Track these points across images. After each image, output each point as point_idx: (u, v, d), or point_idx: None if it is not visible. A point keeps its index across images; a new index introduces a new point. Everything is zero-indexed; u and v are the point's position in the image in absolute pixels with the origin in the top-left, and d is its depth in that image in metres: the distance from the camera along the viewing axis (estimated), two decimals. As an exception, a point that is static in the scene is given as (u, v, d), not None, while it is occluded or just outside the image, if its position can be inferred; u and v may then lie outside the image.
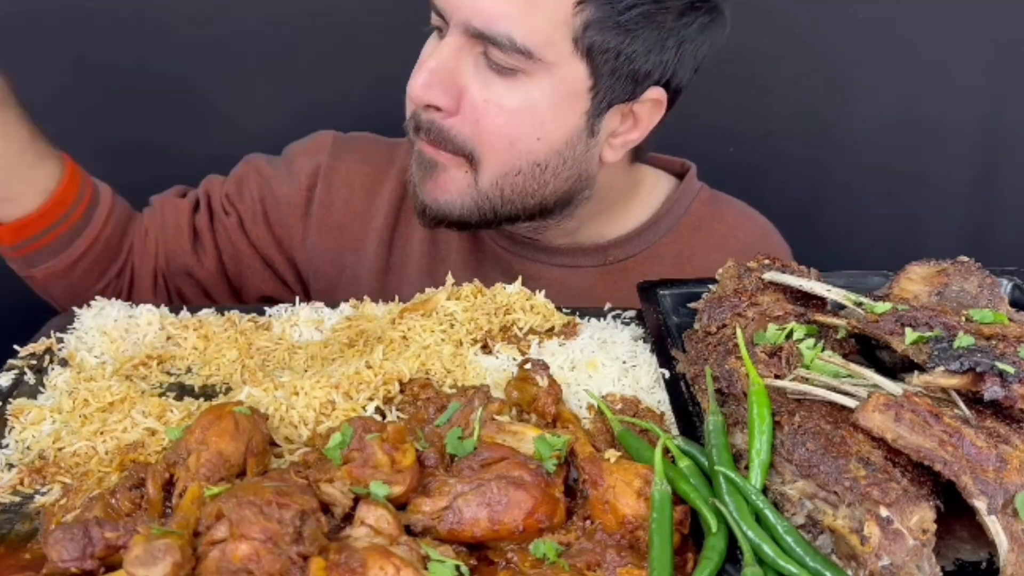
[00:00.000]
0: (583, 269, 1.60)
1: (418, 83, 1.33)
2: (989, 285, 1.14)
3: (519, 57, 1.30)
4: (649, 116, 1.44)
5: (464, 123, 1.36)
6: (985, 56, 2.17)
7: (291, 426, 1.03)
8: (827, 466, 0.84)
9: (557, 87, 1.34)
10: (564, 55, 1.32)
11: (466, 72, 1.33)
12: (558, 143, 1.39)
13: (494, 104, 1.34)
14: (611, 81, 1.36)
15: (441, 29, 1.36)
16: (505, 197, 1.42)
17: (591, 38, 1.31)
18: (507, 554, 0.86)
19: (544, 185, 1.43)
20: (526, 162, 1.39)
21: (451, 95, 1.34)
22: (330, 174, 1.63)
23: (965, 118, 2.23)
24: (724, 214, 1.65)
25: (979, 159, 2.27)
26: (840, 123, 2.26)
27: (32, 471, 0.98)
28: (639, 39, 1.33)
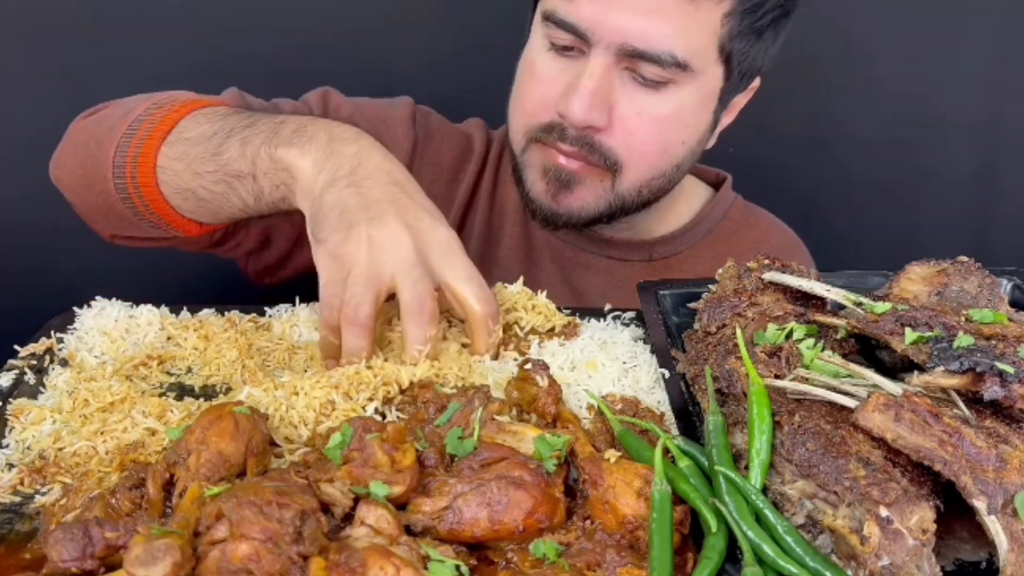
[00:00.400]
0: (630, 263, 1.65)
1: (579, 107, 1.36)
2: (989, 285, 1.14)
3: (675, 70, 1.35)
4: (743, 102, 1.57)
5: (615, 136, 1.40)
6: (985, 56, 2.17)
7: (291, 426, 1.03)
8: (827, 466, 0.84)
9: (700, 91, 1.41)
10: (709, 62, 1.39)
11: (615, 89, 1.38)
12: (695, 143, 1.48)
13: (647, 116, 1.39)
14: (737, 79, 1.45)
15: (568, 48, 1.38)
16: (641, 197, 1.49)
17: (732, 45, 1.38)
18: (507, 554, 0.86)
19: (673, 183, 1.52)
20: (670, 165, 1.47)
21: (605, 112, 1.38)
22: (423, 150, 1.64)
23: (965, 118, 2.23)
24: (759, 222, 1.75)
25: (979, 159, 2.27)
26: (840, 123, 2.26)
27: (32, 471, 0.98)
28: (764, 39, 1.43)
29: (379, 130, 1.57)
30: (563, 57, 1.40)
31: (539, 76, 1.44)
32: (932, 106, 2.22)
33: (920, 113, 2.23)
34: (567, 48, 1.39)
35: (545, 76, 1.43)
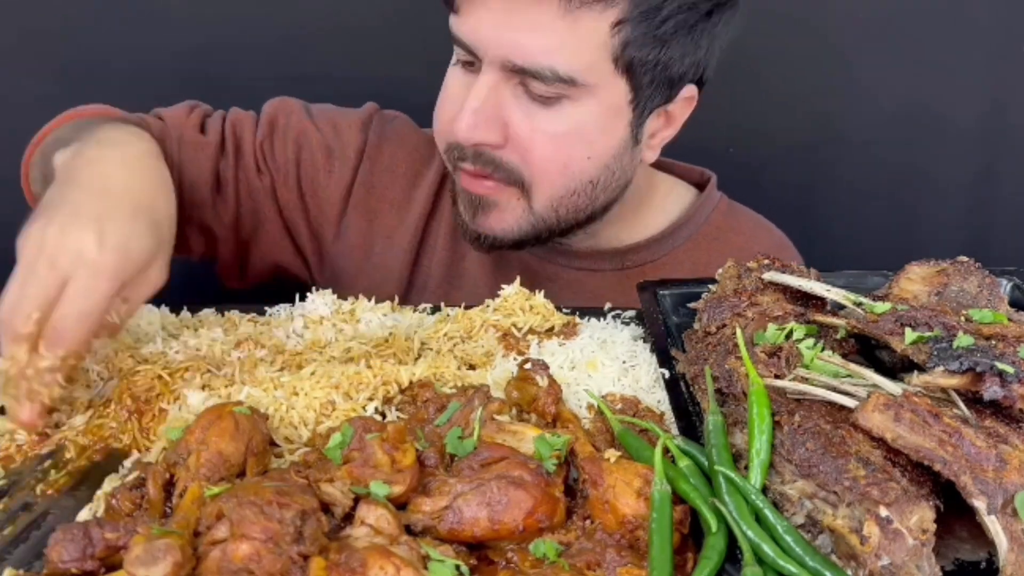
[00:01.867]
0: (601, 272, 1.61)
1: (463, 126, 1.33)
2: (989, 285, 1.14)
3: (561, 86, 1.31)
4: (682, 112, 1.47)
5: (513, 153, 1.36)
6: (985, 56, 2.17)
7: (291, 426, 1.03)
8: (827, 466, 0.84)
9: (601, 106, 1.35)
10: (605, 75, 1.32)
11: (507, 105, 1.34)
12: (607, 158, 1.41)
13: (540, 132, 1.35)
14: (650, 90, 1.37)
15: (470, 63, 1.36)
16: (561, 217, 1.44)
17: (630, 55, 1.31)
18: (507, 554, 0.86)
19: (595, 199, 1.45)
20: (579, 182, 1.41)
21: (497, 130, 1.34)
22: (375, 155, 1.62)
23: (965, 118, 2.22)
24: (742, 225, 1.68)
25: (979, 159, 2.27)
26: (839, 124, 2.26)
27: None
28: (674, 46, 1.34)
29: (328, 136, 1.60)
30: (468, 73, 1.38)
31: (447, 92, 1.42)
32: (932, 106, 2.21)
33: (920, 113, 2.22)
34: (469, 63, 1.37)
35: (451, 92, 1.41)
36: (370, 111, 1.65)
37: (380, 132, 1.63)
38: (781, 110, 2.19)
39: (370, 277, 1.59)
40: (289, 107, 1.61)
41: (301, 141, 1.58)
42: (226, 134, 1.56)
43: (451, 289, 1.62)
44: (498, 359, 1.20)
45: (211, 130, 1.55)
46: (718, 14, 1.37)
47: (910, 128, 2.24)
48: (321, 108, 1.64)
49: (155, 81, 2.02)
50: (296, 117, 1.59)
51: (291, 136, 1.58)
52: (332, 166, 1.60)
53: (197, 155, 1.52)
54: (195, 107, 1.58)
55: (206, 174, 1.52)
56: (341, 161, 1.60)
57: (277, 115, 1.59)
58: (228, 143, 1.56)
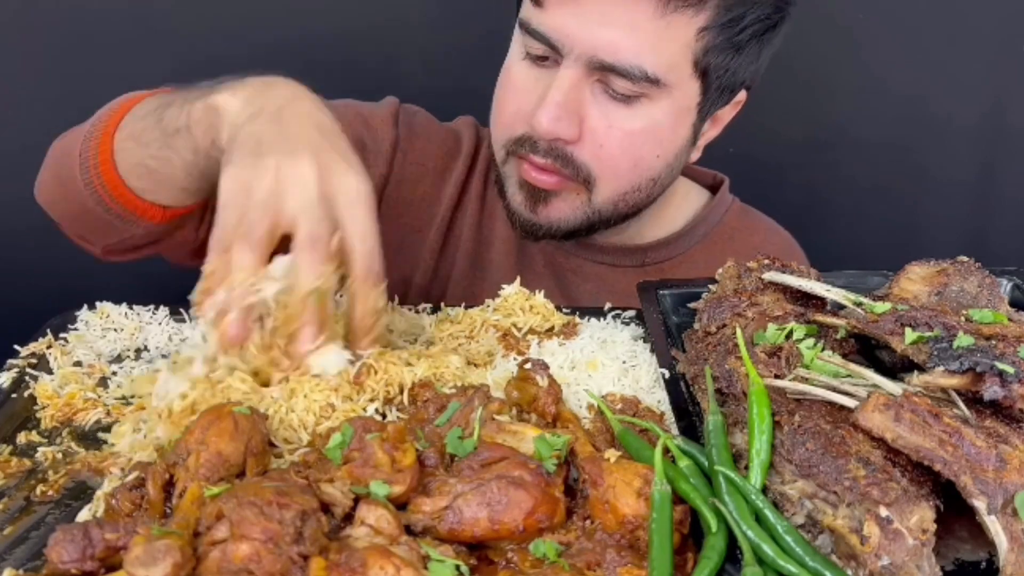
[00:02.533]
0: (622, 268, 1.63)
1: (546, 118, 1.34)
2: (989, 285, 1.14)
3: (645, 85, 1.33)
4: (728, 115, 1.52)
5: (586, 149, 1.38)
6: (985, 56, 2.17)
7: (290, 428, 1.03)
8: (827, 466, 0.84)
9: (674, 106, 1.38)
10: (683, 77, 1.36)
11: (586, 101, 1.35)
12: (671, 157, 1.45)
13: (617, 129, 1.37)
14: (716, 94, 1.42)
15: (542, 58, 1.37)
16: (618, 211, 1.48)
17: (708, 60, 1.35)
18: (507, 554, 0.86)
19: (652, 196, 1.50)
20: (644, 179, 1.45)
21: (575, 125, 1.36)
22: (407, 149, 1.63)
23: (965, 118, 2.23)
24: (756, 226, 1.72)
25: (979, 159, 2.27)
26: (839, 124, 2.26)
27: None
28: (745, 54, 1.39)
29: (359, 130, 1.58)
30: (538, 67, 1.39)
31: (514, 86, 1.43)
32: (933, 106, 2.21)
33: (920, 113, 2.22)
34: (542, 58, 1.37)
35: (519, 86, 1.42)
36: (395, 104, 1.66)
37: (409, 125, 1.64)
38: (781, 111, 2.19)
39: (400, 270, 1.59)
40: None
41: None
42: None
43: (475, 280, 1.64)
44: (498, 359, 1.19)
45: None
46: (780, 25, 1.41)
47: (910, 128, 2.24)
48: (343, 103, 1.62)
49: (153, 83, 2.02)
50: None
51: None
52: (367, 161, 1.55)
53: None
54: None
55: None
56: (375, 155, 1.60)
57: None
58: None
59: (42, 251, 1.89)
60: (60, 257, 1.64)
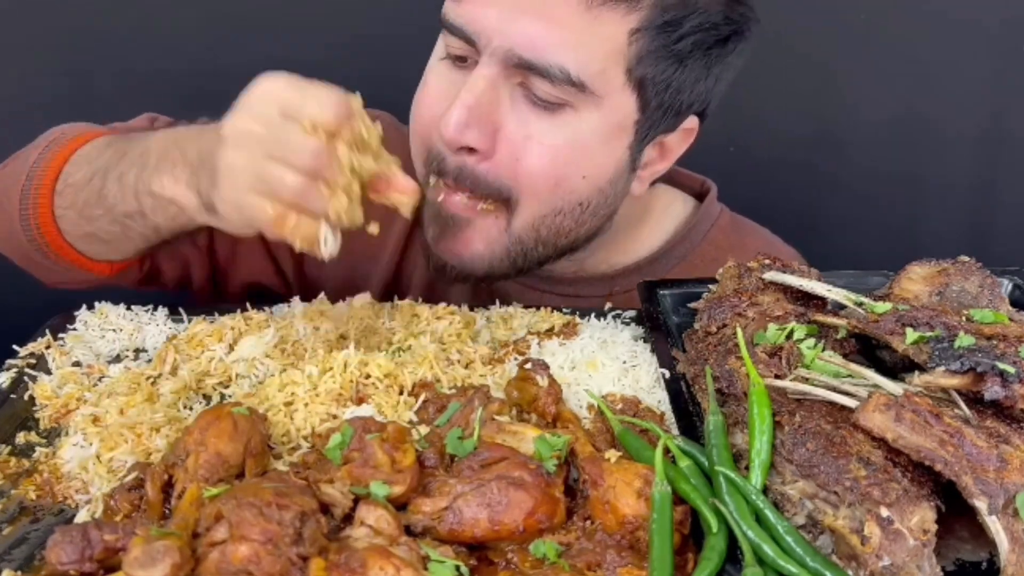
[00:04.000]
0: (587, 299, 1.47)
1: (453, 123, 1.20)
2: (989, 285, 1.14)
3: (569, 90, 1.20)
4: (679, 146, 1.38)
5: (501, 165, 1.24)
6: (985, 56, 2.17)
7: (289, 432, 1.03)
8: (827, 466, 0.84)
9: (604, 121, 1.24)
10: (615, 87, 1.23)
11: (502, 107, 1.22)
12: (602, 180, 1.30)
13: (536, 142, 1.23)
14: (658, 114, 1.28)
15: (462, 59, 1.25)
16: (541, 239, 1.32)
17: (644, 68, 1.22)
18: (507, 554, 0.86)
19: (581, 224, 1.34)
20: (568, 202, 1.29)
21: (487, 134, 1.22)
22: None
23: (965, 118, 2.22)
24: (747, 244, 1.52)
25: (979, 159, 2.27)
26: (840, 123, 2.26)
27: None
28: (689, 69, 1.26)
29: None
30: (457, 69, 1.26)
31: (429, 89, 1.30)
32: (934, 105, 2.21)
33: (921, 113, 2.22)
34: (461, 59, 1.25)
35: (434, 90, 1.29)
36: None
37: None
38: (783, 110, 2.19)
39: (351, 295, 1.44)
40: None
41: None
42: None
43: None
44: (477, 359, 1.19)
45: None
46: (734, 42, 1.29)
47: (911, 128, 2.24)
48: None
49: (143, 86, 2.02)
50: None
51: None
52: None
53: None
54: (155, 119, 1.45)
55: None
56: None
57: None
58: None
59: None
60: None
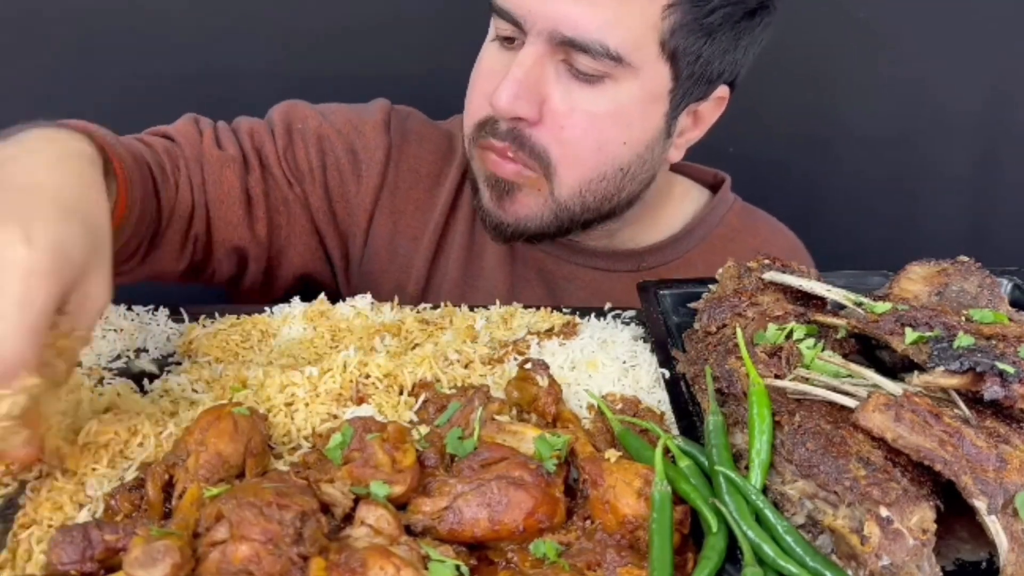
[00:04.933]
0: (617, 273, 1.60)
1: (505, 95, 1.30)
2: (989, 285, 1.14)
3: (609, 63, 1.29)
4: (711, 114, 1.47)
5: (546, 132, 1.34)
6: (985, 56, 2.17)
7: (288, 433, 1.03)
8: (827, 466, 0.84)
9: (642, 90, 1.34)
10: (650, 59, 1.32)
11: (548, 81, 1.32)
12: (641, 146, 1.40)
13: (580, 111, 1.33)
14: (689, 83, 1.37)
15: (511, 39, 1.34)
16: (586, 204, 1.42)
17: (676, 41, 1.31)
18: (507, 554, 0.86)
19: (622, 189, 1.43)
20: (611, 167, 1.39)
21: (535, 104, 1.32)
22: (399, 157, 1.59)
23: (965, 117, 2.23)
24: (758, 227, 1.68)
25: (979, 159, 2.27)
26: (840, 123, 2.26)
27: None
28: (718, 41, 1.34)
29: (351, 138, 1.55)
30: (506, 50, 1.36)
31: (483, 69, 1.41)
32: (933, 105, 2.21)
33: (921, 112, 2.22)
34: (510, 40, 1.35)
35: (487, 69, 1.39)
36: (386, 108, 1.62)
37: (401, 131, 1.61)
38: (783, 111, 2.19)
39: (394, 278, 1.58)
40: (302, 112, 1.56)
41: (324, 147, 1.54)
42: (245, 147, 1.50)
43: (467, 288, 1.61)
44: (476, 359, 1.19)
45: (227, 144, 1.48)
46: (760, 15, 1.37)
47: (911, 127, 2.24)
48: (333, 108, 1.59)
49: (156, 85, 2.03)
50: (313, 122, 1.55)
51: (311, 142, 1.54)
52: (360, 170, 1.57)
53: (224, 172, 1.46)
54: (198, 120, 1.51)
55: (236, 191, 1.47)
56: (368, 165, 1.57)
57: (292, 121, 1.54)
58: (250, 156, 1.49)
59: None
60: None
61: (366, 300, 1.35)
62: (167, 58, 2.05)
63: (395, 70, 2.04)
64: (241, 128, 1.52)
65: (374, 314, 1.32)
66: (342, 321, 1.28)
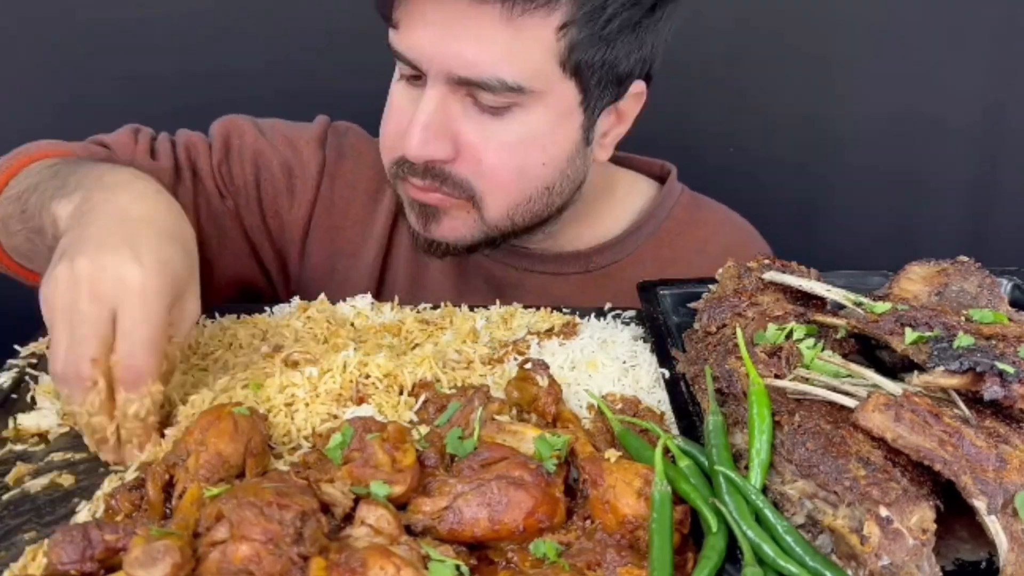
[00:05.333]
0: (565, 276, 1.58)
1: (414, 142, 1.30)
2: (989, 285, 1.14)
3: (511, 94, 1.28)
4: (632, 109, 1.44)
5: (465, 166, 1.34)
6: (984, 55, 2.17)
7: (289, 437, 1.03)
8: (827, 466, 0.84)
9: (551, 111, 1.32)
10: (553, 80, 1.30)
11: (456, 118, 1.31)
12: (562, 162, 1.39)
13: (493, 143, 1.32)
14: (599, 90, 1.35)
15: (416, 77, 1.33)
16: (516, 224, 1.42)
17: (577, 57, 1.29)
18: (507, 554, 0.86)
19: (551, 204, 1.43)
20: (536, 189, 1.39)
21: (447, 144, 1.31)
22: (335, 172, 1.59)
23: (965, 117, 2.23)
24: (706, 218, 1.65)
25: (979, 159, 2.27)
26: (840, 123, 2.26)
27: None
28: (620, 45, 1.31)
29: (287, 154, 1.56)
30: (413, 87, 1.35)
31: (392, 107, 1.40)
32: (932, 105, 2.22)
33: (920, 112, 2.23)
34: (415, 77, 1.33)
35: (397, 107, 1.38)
36: (323, 125, 1.61)
37: (338, 147, 1.60)
38: (782, 110, 2.19)
39: (335, 293, 1.50)
40: (241, 127, 1.56)
41: (259, 162, 1.54)
42: (180, 159, 1.50)
43: (415, 301, 1.54)
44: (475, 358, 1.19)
45: (162, 155, 1.49)
46: (661, 9, 1.34)
47: (911, 127, 2.24)
48: (272, 124, 1.59)
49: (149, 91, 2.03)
50: (250, 137, 1.55)
51: (247, 158, 1.54)
52: (294, 186, 1.57)
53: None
54: (138, 131, 1.52)
55: None
56: (302, 181, 1.56)
57: (230, 136, 1.55)
58: (184, 168, 1.50)
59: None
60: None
61: (366, 300, 1.35)
62: (167, 60, 2.06)
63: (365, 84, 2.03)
64: (179, 140, 1.54)
65: (374, 314, 1.32)
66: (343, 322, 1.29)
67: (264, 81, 2.05)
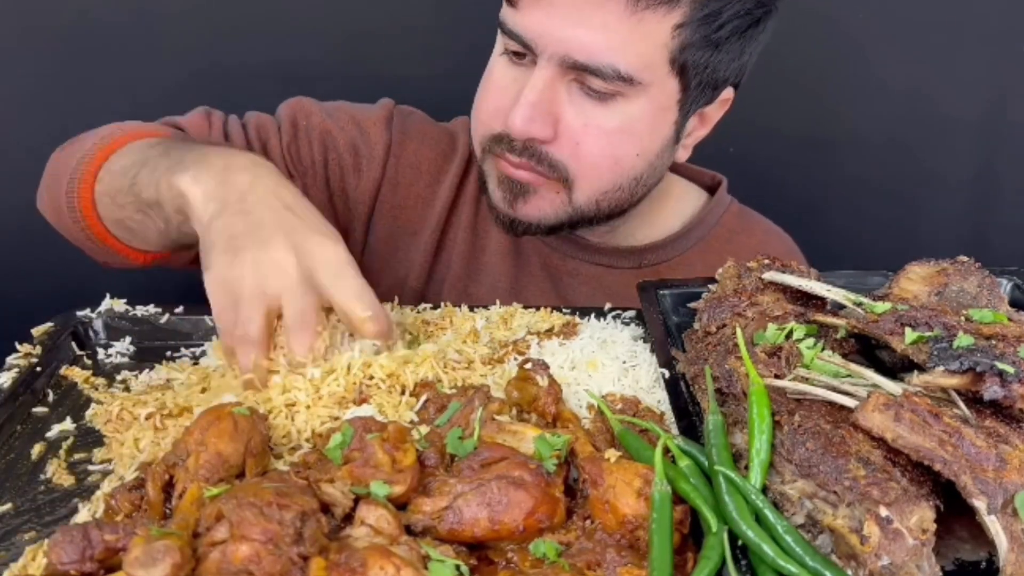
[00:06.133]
0: (619, 270, 1.63)
1: (519, 118, 1.34)
2: (989, 285, 1.14)
3: (619, 84, 1.32)
4: (716, 114, 1.51)
5: (562, 148, 1.38)
6: (985, 55, 2.17)
7: (289, 433, 1.03)
8: (827, 466, 0.84)
9: (652, 104, 1.37)
10: (660, 75, 1.34)
11: (561, 100, 1.35)
12: (652, 155, 1.44)
13: (594, 128, 1.36)
14: (697, 92, 1.40)
15: (520, 55, 1.37)
16: (601, 209, 1.46)
17: (686, 57, 1.34)
18: (507, 554, 0.86)
19: (635, 195, 1.48)
20: (627, 178, 1.43)
21: (549, 124, 1.35)
22: (400, 153, 1.63)
23: (965, 117, 2.23)
24: (754, 228, 1.72)
25: (979, 159, 2.27)
26: (840, 123, 2.26)
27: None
28: (725, 50, 1.37)
29: (353, 134, 1.59)
30: (516, 65, 1.39)
31: (493, 84, 1.43)
32: (932, 105, 2.21)
33: (920, 112, 2.22)
34: (520, 55, 1.37)
35: (498, 84, 1.42)
36: (389, 107, 1.66)
37: (403, 128, 1.64)
38: (783, 111, 2.19)
39: (395, 273, 1.60)
40: (307, 108, 1.60)
41: (326, 142, 1.59)
42: (251, 139, 1.56)
43: (470, 283, 1.64)
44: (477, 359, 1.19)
45: (235, 137, 1.55)
46: (765, 21, 1.40)
47: (910, 128, 2.24)
48: (337, 105, 1.64)
49: (162, 85, 2.03)
50: (317, 118, 1.59)
51: (315, 137, 1.59)
52: (360, 165, 1.61)
53: None
54: (210, 113, 1.57)
55: None
56: (368, 160, 1.61)
57: (297, 117, 1.59)
58: (255, 148, 1.54)
59: (43, 251, 1.90)
60: (60, 257, 1.64)
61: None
62: (182, 57, 2.06)
63: (400, 73, 2.05)
64: (250, 122, 1.58)
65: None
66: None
67: (310, 71, 2.07)
